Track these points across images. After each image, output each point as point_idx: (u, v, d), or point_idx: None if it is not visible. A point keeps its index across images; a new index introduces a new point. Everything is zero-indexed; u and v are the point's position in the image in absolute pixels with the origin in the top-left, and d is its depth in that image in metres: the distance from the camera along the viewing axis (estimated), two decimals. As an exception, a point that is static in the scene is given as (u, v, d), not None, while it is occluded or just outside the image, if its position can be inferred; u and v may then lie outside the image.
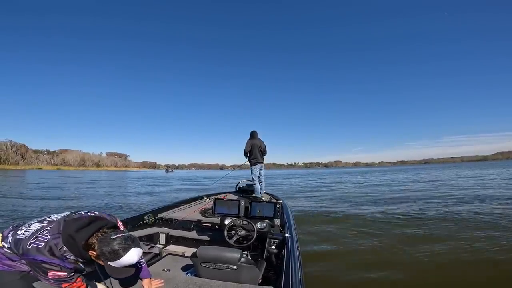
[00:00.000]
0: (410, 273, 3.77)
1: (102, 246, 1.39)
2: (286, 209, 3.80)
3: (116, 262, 1.40)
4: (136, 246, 1.46)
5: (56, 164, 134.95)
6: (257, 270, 2.11)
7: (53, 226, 1.46)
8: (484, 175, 23.66)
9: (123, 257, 1.39)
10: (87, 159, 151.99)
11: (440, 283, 3.55)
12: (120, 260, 1.40)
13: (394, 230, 6.01)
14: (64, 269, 1.42)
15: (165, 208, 4.07)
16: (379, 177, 29.51)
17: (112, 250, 1.38)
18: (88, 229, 1.44)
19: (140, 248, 1.50)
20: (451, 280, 3.59)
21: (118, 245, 1.40)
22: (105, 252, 1.38)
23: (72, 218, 1.50)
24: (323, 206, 9.82)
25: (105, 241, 1.40)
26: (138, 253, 1.47)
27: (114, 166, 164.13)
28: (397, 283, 3.52)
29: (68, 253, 1.42)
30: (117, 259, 1.39)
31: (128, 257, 1.41)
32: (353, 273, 3.77)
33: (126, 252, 1.40)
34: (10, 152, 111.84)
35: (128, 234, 1.49)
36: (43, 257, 1.37)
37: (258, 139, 5.98)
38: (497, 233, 5.37)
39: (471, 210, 7.92)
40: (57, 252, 1.40)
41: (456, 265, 4.02)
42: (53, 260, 1.39)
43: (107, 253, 1.38)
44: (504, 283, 3.51)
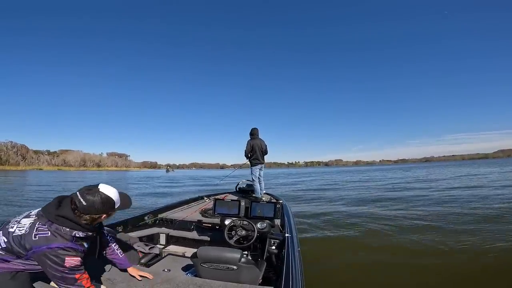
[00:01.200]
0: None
1: (93, 207, 1.45)
2: (286, 209, 3.80)
3: (116, 201, 1.55)
4: (95, 186, 1.53)
5: (56, 164, 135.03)
6: (257, 270, 2.11)
7: (40, 218, 1.46)
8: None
9: (109, 195, 1.50)
10: (88, 159, 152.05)
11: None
12: (115, 198, 1.53)
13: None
14: (78, 253, 1.44)
15: (165, 209, 4.07)
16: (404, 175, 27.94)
17: (101, 201, 1.46)
18: (64, 206, 1.48)
19: (99, 184, 1.57)
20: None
21: (96, 195, 1.47)
22: (101, 207, 1.47)
23: (43, 208, 1.52)
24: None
25: (88, 205, 1.45)
26: (105, 184, 1.56)
27: (114, 166, 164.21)
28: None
29: (74, 232, 1.45)
30: (113, 200, 1.52)
31: (111, 191, 1.52)
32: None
33: (102, 191, 1.49)
34: (11, 153, 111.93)
35: (87, 186, 1.53)
36: (58, 243, 1.38)
37: (259, 138, 5.87)
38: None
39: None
40: (64, 234, 1.42)
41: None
42: (68, 244, 1.40)
43: (104, 206, 1.48)
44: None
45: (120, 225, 3.13)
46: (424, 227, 6.19)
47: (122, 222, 3.19)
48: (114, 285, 1.70)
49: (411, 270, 3.94)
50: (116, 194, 1.57)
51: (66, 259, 1.38)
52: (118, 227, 3.07)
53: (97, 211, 1.47)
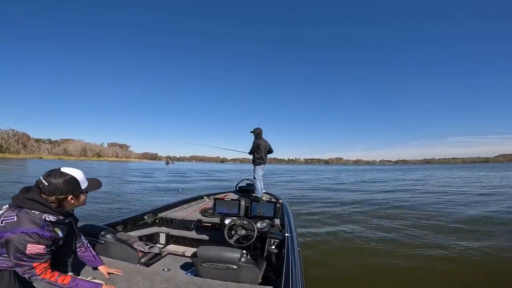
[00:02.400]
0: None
1: (57, 189, 1.46)
2: (286, 209, 3.81)
3: (81, 181, 1.55)
4: (57, 168, 1.56)
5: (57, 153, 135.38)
6: (257, 270, 2.12)
7: (10, 207, 1.46)
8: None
9: (72, 175, 1.52)
10: (89, 149, 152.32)
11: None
12: (78, 177, 1.54)
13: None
14: (43, 239, 1.39)
15: (165, 208, 4.07)
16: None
17: (64, 181, 1.48)
18: (33, 191, 1.49)
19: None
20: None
21: (58, 177, 1.48)
22: (66, 187, 1.48)
23: (12, 197, 1.51)
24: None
25: (51, 187, 1.46)
26: (65, 166, 1.57)
27: (115, 156, 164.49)
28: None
29: (44, 215, 1.44)
30: (77, 179, 1.53)
31: (72, 171, 1.54)
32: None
33: (64, 172, 1.51)
34: (12, 141, 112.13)
35: (45, 172, 1.52)
36: (23, 228, 1.36)
37: (263, 139, 5.92)
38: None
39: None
40: (33, 218, 1.41)
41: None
42: (34, 229, 1.38)
43: (68, 186, 1.49)
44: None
45: (120, 224, 3.14)
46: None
47: (122, 221, 3.20)
48: (114, 284, 1.70)
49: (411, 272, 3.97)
50: (80, 174, 1.56)
51: (28, 246, 1.34)
52: (118, 226, 3.07)
53: (61, 191, 1.47)
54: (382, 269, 4.10)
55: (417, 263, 4.33)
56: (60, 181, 1.46)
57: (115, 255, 2.13)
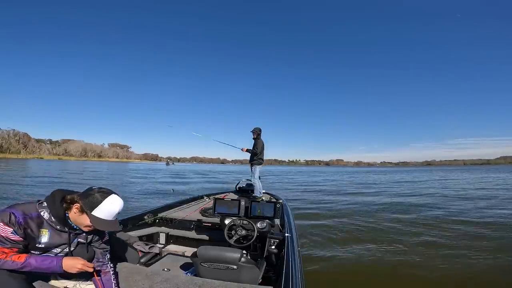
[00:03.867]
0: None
1: (83, 196, 1.47)
2: (286, 209, 3.80)
3: (100, 209, 1.44)
4: (116, 194, 1.52)
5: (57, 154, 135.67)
6: (257, 270, 2.12)
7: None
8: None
9: (104, 201, 1.45)
10: (89, 149, 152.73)
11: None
12: (103, 205, 1.44)
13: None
14: (13, 224, 1.34)
15: (165, 208, 4.06)
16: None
17: (93, 197, 1.45)
18: (67, 190, 1.56)
19: (120, 198, 1.53)
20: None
21: (97, 192, 1.47)
22: (88, 200, 1.45)
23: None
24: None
25: (84, 192, 1.50)
26: (119, 200, 1.51)
27: (115, 157, 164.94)
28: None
29: (43, 210, 1.46)
30: (99, 204, 1.44)
31: (110, 201, 1.47)
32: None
33: (107, 197, 1.46)
34: (12, 141, 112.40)
35: (107, 188, 1.55)
36: (9, 208, 1.39)
37: (262, 139, 5.96)
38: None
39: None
40: (32, 206, 1.45)
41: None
42: (17, 211, 1.37)
43: (88, 201, 1.44)
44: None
45: (120, 224, 3.11)
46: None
47: (122, 221, 3.19)
48: None
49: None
50: (109, 208, 1.45)
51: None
52: None
53: (82, 196, 1.48)
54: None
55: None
56: (92, 193, 1.47)
57: (115, 255, 2.13)
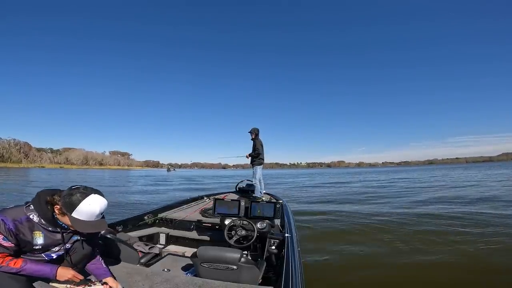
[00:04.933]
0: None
1: (63, 197, 1.42)
2: (286, 209, 3.79)
3: (78, 210, 1.39)
4: (97, 193, 1.46)
5: (59, 162, 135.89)
6: (257, 270, 2.11)
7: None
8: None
9: (82, 202, 1.39)
10: (90, 157, 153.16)
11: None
12: (81, 207, 1.39)
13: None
14: (4, 229, 1.34)
15: (165, 208, 4.07)
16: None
17: (72, 197, 1.40)
18: (51, 190, 1.52)
19: (103, 197, 1.48)
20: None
21: (77, 193, 1.41)
22: (66, 201, 1.40)
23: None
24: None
25: (65, 192, 1.44)
26: (100, 200, 1.45)
27: (117, 164, 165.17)
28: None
29: (31, 213, 1.44)
30: (77, 206, 1.38)
31: (88, 202, 1.40)
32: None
33: (85, 197, 1.40)
34: (13, 150, 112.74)
35: (89, 186, 1.50)
36: (0, 214, 1.37)
37: (260, 139, 5.95)
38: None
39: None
40: (20, 211, 1.43)
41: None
42: (5, 217, 1.36)
43: (67, 202, 1.40)
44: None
45: (120, 224, 3.13)
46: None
47: (122, 221, 3.19)
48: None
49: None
50: (90, 208, 1.41)
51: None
52: (118, 227, 3.06)
53: (62, 197, 1.43)
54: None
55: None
56: (69, 194, 1.42)
57: (115, 256, 2.13)
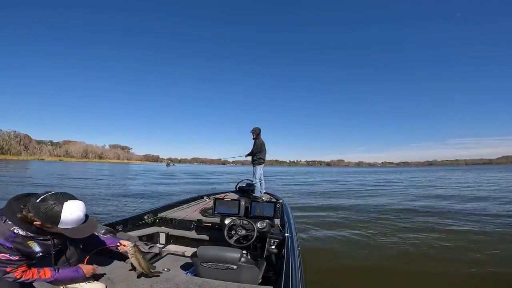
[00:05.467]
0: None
1: (35, 211, 1.36)
2: (286, 209, 3.80)
3: (63, 222, 1.38)
4: (69, 199, 1.43)
5: (58, 155, 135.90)
6: (257, 270, 2.11)
7: (2, 208, 1.47)
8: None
9: (62, 214, 1.37)
10: (90, 151, 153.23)
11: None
12: (63, 219, 1.37)
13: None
14: (5, 249, 1.35)
15: (165, 208, 4.07)
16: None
17: (48, 212, 1.35)
18: (24, 199, 1.45)
19: (75, 199, 1.45)
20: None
21: (50, 205, 1.37)
22: (43, 216, 1.36)
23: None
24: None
25: (34, 206, 1.37)
26: (77, 204, 1.44)
27: (116, 158, 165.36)
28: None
29: (14, 227, 1.39)
30: (59, 219, 1.37)
31: (68, 212, 1.39)
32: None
33: (62, 207, 1.38)
34: (13, 142, 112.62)
35: (54, 192, 1.44)
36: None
37: (261, 138, 5.95)
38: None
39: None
40: (2, 228, 1.37)
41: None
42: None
43: (45, 218, 1.36)
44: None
45: (120, 224, 3.12)
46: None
47: (122, 221, 3.19)
48: (114, 284, 1.69)
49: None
50: (71, 215, 1.40)
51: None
52: (118, 226, 3.06)
53: (38, 216, 1.37)
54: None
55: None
56: (44, 207, 1.36)
57: (115, 255, 2.12)
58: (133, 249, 1.79)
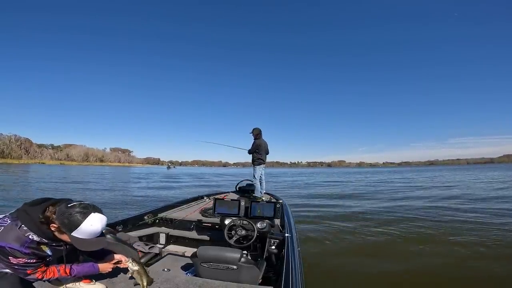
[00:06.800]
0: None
1: (60, 215, 1.37)
2: (286, 209, 3.80)
3: (79, 230, 1.37)
4: (97, 211, 1.43)
5: (59, 158, 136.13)
6: (257, 270, 2.11)
7: (13, 212, 1.47)
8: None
9: (83, 223, 1.37)
10: (91, 154, 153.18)
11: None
12: (82, 227, 1.37)
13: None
14: (22, 254, 1.37)
15: (165, 208, 4.08)
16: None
17: (71, 217, 1.36)
18: (41, 205, 1.44)
19: (101, 213, 1.46)
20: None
21: (76, 212, 1.37)
22: (64, 221, 1.36)
23: (25, 203, 1.51)
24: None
25: (61, 210, 1.38)
26: (101, 218, 1.44)
27: (117, 161, 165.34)
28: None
29: (29, 233, 1.39)
30: (78, 226, 1.36)
31: (90, 223, 1.38)
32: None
33: (86, 217, 1.38)
34: (14, 146, 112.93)
35: (87, 203, 1.45)
36: (2, 242, 1.34)
37: (263, 139, 5.96)
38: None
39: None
40: (18, 234, 1.37)
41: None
42: (12, 244, 1.35)
43: (66, 222, 1.36)
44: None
45: (120, 224, 3.13)
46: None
47: (122, 221, 3.19)
48: (114, 285, 1.69)
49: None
50: (90, 227, 1.39)
51: (10, 259, 1.35)
52: (117, 226, 3.06)
53: (58, 218, 1.38)
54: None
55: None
56: (68, 213, 1.36)
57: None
58: (137, 268, 1.67)
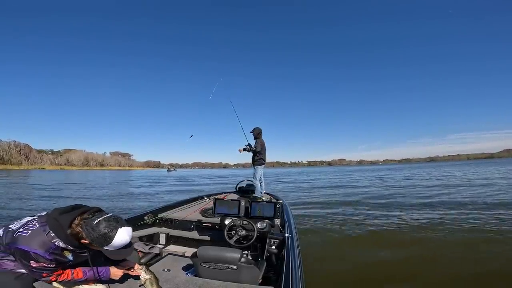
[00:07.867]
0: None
1: (89, 232, 1.42)
2: (286, 209, 3.79)
3: (111, 245, 1.44)
4: (123, 225, 1.49)
5: (59, 164, 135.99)
6: (257, 270, 2.11)
7: (42, 216, 1.51)
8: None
9: (114, 239, 1.43)
10: (91, 158, 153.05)
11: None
12: (114, 243, 1.44)
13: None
14: (44, 259, 1.41)
15: (165, 208, 4.07)
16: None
17: (101, 234, 1.41)
18: (71, 213, 1.49)
19: (127, 225, 1.52)
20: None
21: (105, 228, 1.42)
22: (95, 238, 1.42)
23: (55, 208, 1.56)
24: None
25: (89, 227, 1.43)
26: (128, 231, 1.51)
27: (117, 165, 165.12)
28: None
29: (56, 239, 1.43)
30: (110, 242, 1.43)
31: (120, 238, 1.45)
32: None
33: (115, 233, 1.43)
34: (13, 152, 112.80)
35: (110, 215, 1.50)
36: (28, 247, 1.38)
37: (262, 139, 5.92)
38: None
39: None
40: (45, 240, 1.41)
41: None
42: (36, 250, 1.39)
43: (97, 239, 1.42)
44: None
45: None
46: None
47: None
48: (116, 286, 1.70)
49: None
50: (120, 241, 1.46)
51: (31, 262, 1.40)
52: None
53: (89, 236, 1.42)
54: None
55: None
56: (98, 231, 1.41)
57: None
58: (149, 277, 1.69)
